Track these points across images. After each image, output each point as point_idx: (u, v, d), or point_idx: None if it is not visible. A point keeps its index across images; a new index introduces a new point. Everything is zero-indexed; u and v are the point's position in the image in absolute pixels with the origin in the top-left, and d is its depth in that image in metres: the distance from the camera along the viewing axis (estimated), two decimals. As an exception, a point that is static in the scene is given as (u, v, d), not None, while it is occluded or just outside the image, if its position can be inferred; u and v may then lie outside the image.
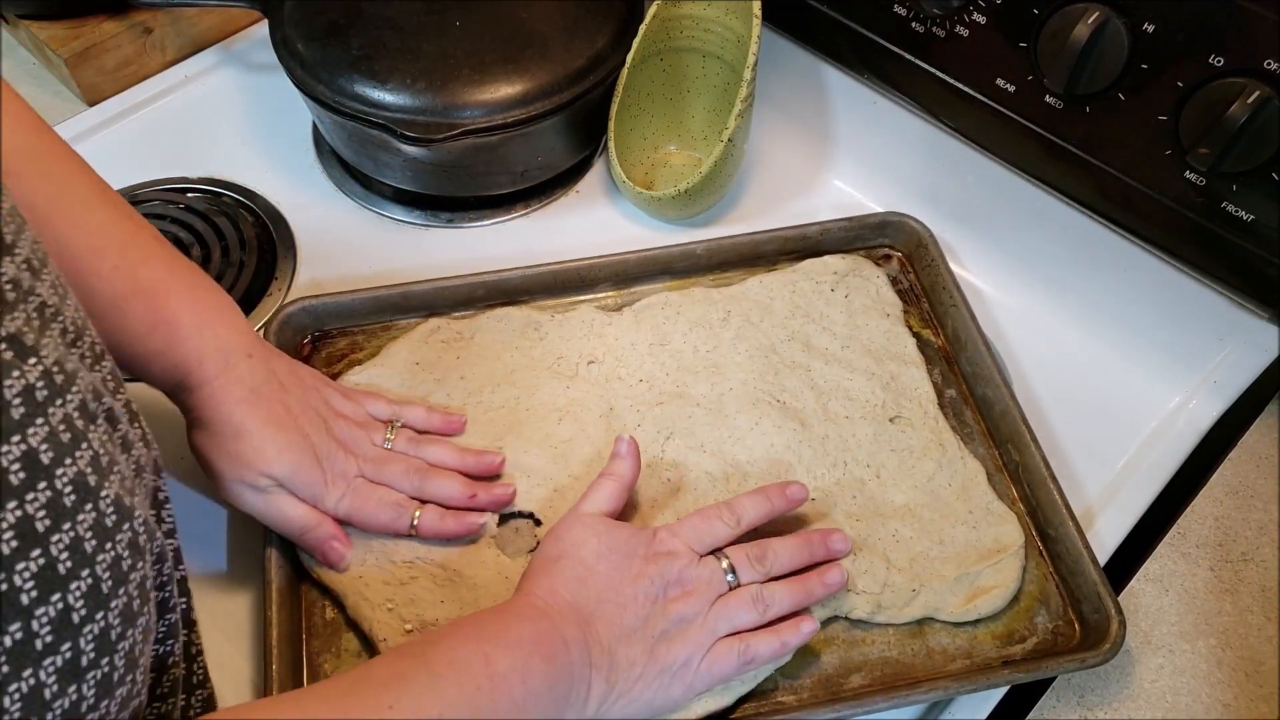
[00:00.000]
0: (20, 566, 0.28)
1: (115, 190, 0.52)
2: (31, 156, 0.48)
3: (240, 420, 0.50)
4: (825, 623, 0.55)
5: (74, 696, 0.30)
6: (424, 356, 0.65)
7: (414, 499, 0.56)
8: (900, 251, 0.74)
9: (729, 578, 0.51)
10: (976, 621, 0.56)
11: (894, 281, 0.72)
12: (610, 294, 0.70)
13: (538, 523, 0.58)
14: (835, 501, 0.59)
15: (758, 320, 0.67)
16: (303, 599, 0.56)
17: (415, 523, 0.55)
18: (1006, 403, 0.63)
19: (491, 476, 0.59)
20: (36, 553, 0.29)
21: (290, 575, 0.56)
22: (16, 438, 0.29)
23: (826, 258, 0.71)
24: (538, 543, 0.57)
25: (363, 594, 0.54)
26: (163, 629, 0.40)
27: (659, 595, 0.49)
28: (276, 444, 0.51)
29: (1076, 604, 0.57)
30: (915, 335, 0.68)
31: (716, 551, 0.52)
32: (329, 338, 0.67)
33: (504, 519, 0.58)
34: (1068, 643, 0.56)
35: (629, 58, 0.74)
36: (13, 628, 0.28)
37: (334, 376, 0.65)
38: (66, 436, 0.31)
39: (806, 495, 0.56)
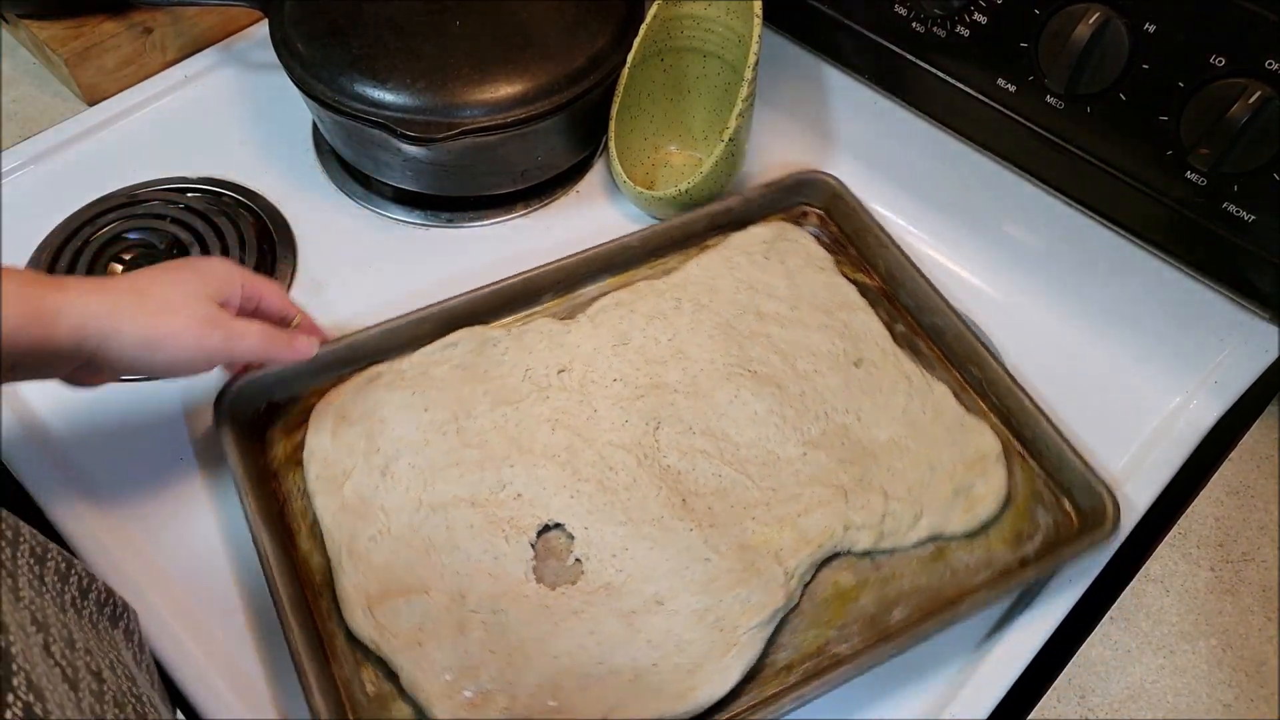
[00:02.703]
0: None
1: None
2: None
3: (137, 283, 0.52)
4: (832, 560, 0.58)
5: None
6: (364, 407, 0.61)
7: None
8: (818, 207, 0.76)
9: None
10: (986, 531, 0.60)
11: (817, 235, 0.74)
12: (556, 301, 0.70)
13: (570, 536, 0.58)
14: (827, 451, 0.61)
15: (707, 301, 0.68)
16: (336, 680, 0.53)
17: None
18: (956, 327, 0.66)
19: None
20: None
21: (320, 663, 0.52)
22: None
23: (751, 229, 0.73)
24: (577, 560, 0.57)
25: (420, 664, 0.52)
26: None
27: None
28: (164, 268, 0.55)
29: (1069, 494, 0.61)
30: (852, 281, 0.71)
31: None
32: (281, 407, 0.63)
33: (538, 534, 0.58)
34: (1069, 532, 0.60)
35: (629, 57, 0.74)
36: None
37: (299, 446, 0.61)
38: None
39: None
